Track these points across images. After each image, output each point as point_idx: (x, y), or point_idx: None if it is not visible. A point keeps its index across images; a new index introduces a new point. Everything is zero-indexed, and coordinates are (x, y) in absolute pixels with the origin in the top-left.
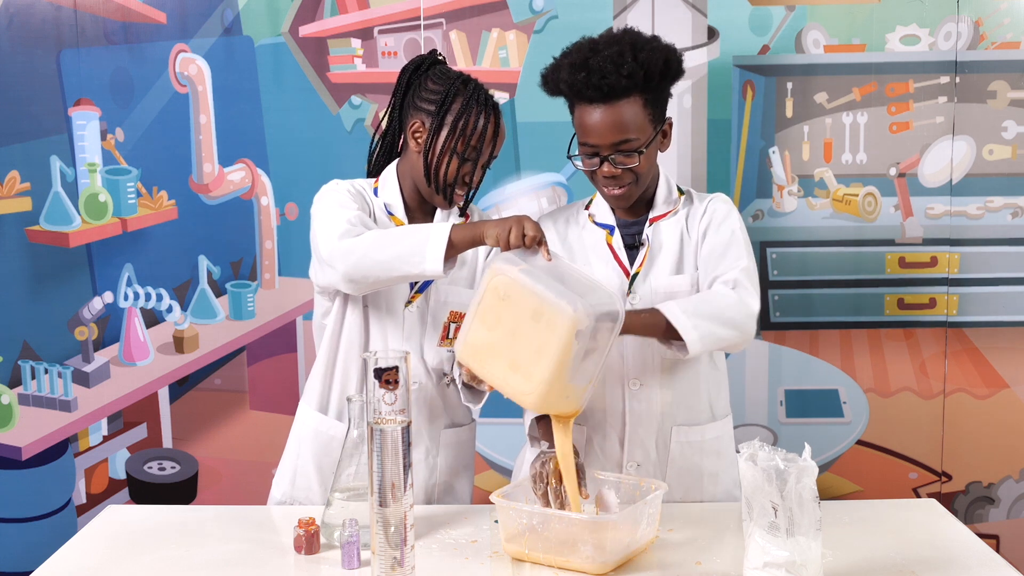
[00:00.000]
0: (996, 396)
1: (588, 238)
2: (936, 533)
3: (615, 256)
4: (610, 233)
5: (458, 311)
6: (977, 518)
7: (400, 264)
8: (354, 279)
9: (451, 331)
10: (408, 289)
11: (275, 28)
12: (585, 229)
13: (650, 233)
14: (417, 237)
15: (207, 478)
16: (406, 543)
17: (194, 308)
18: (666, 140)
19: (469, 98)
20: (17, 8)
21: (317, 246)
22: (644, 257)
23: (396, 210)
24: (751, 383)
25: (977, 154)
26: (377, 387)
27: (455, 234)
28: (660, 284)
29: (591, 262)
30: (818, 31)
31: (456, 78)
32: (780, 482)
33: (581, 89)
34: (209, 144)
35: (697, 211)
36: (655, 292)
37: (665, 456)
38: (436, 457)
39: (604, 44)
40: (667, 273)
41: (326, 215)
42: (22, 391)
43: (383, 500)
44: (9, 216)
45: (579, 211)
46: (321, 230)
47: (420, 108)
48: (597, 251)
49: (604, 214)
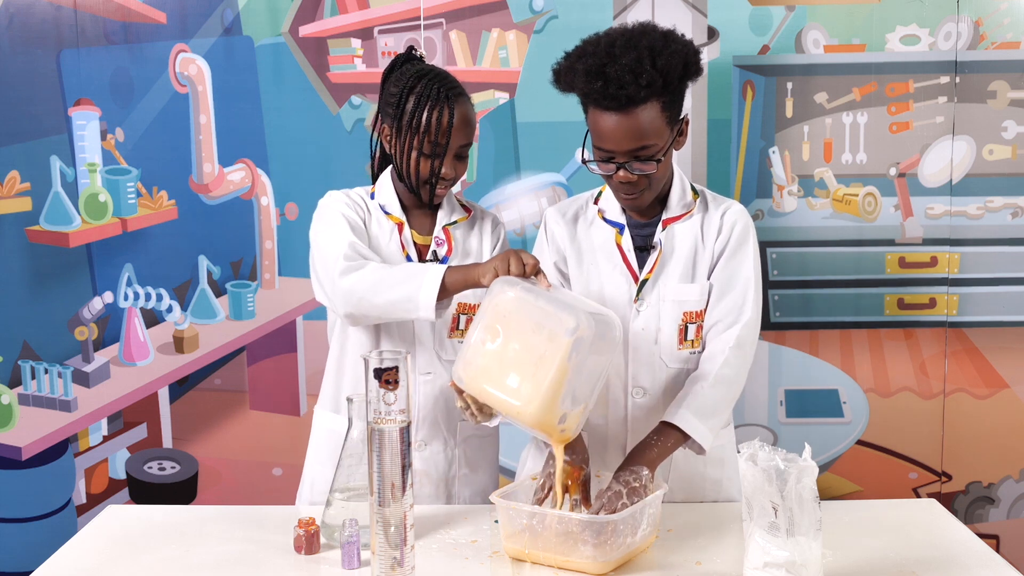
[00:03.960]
0: (996, 396)
1: (597, 236)
2: (936, 533)
3: (624, 258)
4: (620, 232)
5: (467, 303)
6: (977, 518)
7: (396, 310)
8: (354, 317)
9: (461, 322)
10: None
11: (275, 28)
12: (594, 226)
13: (663, 237)
14: (412, 284)
15: (207, 478)
16: (406, 543)
17: (194, 308)
18: (682, 138)
19: (420, 95)
20: (17, 8)
21: (318, 275)
22: (655, 263)
23: (392, 209)
24: (751, 383)
25: (977, 154)
26: (377, 387)
27: (449, 278)
28: (669, 292)
29: (599, 263)
30: (818, 31)
31: (411, 76)
32: (780, 482)
33: (598, 98)
34: (209, 144)
35: (713, 220)
36: (663, 300)
37: (667, 464)
38: (455, 448)
39: (621, 50)
40: (676, 280)
41: (325, 242)
42: (22, 391)
43: (383, 500)
44: (9, 216)
45: (588, 205)
46: (321, 260)
47: (385, 112)
48: (606, 251)
49: (614, 211)
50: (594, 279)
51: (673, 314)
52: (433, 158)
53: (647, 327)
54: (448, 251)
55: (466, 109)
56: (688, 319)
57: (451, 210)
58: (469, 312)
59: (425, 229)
